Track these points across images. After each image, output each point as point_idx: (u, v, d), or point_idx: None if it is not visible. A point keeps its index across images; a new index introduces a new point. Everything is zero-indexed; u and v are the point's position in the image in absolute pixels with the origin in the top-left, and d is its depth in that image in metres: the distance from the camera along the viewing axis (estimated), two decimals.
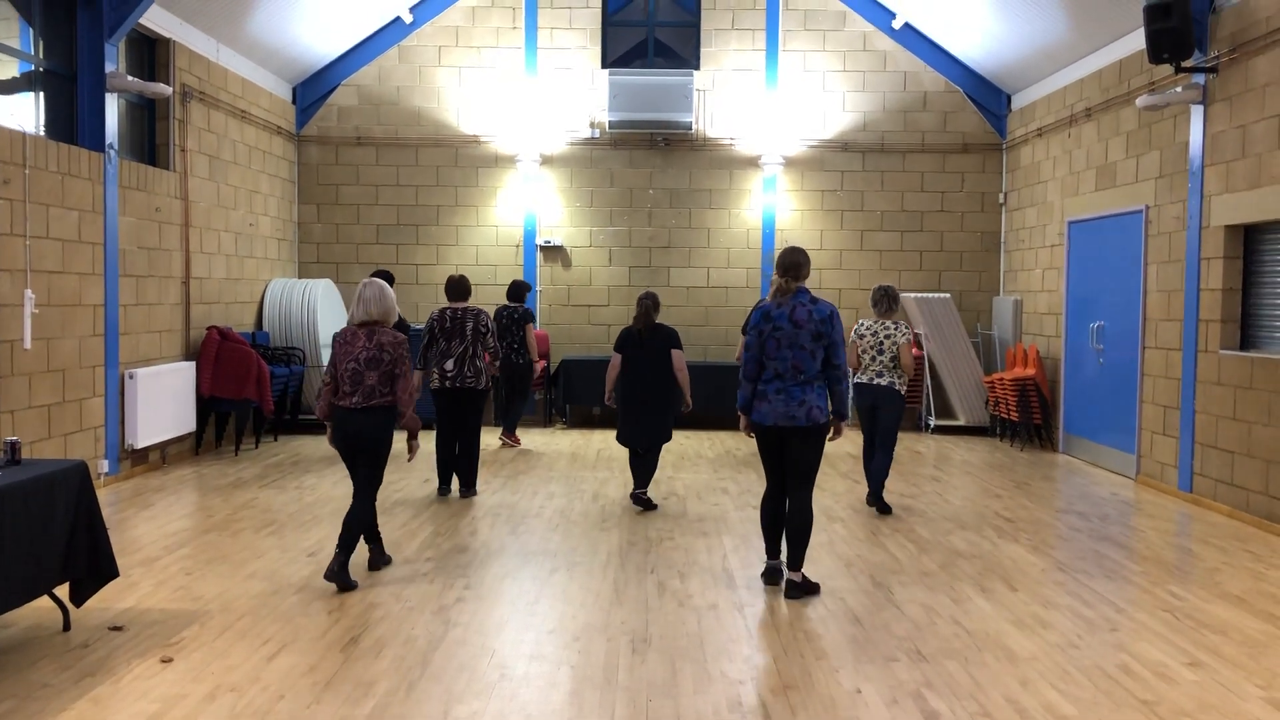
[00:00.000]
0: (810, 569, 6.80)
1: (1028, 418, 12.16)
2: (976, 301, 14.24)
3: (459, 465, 9.09)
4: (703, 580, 6.53)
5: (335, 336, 6.51)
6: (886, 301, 8.70)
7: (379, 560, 6.77)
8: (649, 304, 8.62)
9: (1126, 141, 10.70)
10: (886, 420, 8.56)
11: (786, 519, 6.31)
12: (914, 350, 8.32)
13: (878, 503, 8.63)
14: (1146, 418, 10.15)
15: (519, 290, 11.87)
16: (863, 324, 8.75)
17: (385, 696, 4.60)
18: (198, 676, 4.81)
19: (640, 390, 8.54)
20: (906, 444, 9.68)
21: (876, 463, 8.64)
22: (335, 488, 9.38)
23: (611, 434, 13.10)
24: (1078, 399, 11.70)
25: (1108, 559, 7.18)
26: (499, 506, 8.70)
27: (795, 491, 6.29)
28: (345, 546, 6.27)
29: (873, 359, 8.60)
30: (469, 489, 9.12)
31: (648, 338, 8.58)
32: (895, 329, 8.60)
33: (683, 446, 12.10)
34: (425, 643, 5.31)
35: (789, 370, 6.20)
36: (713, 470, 10.61)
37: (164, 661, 4.99)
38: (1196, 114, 9.28)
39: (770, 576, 6.49)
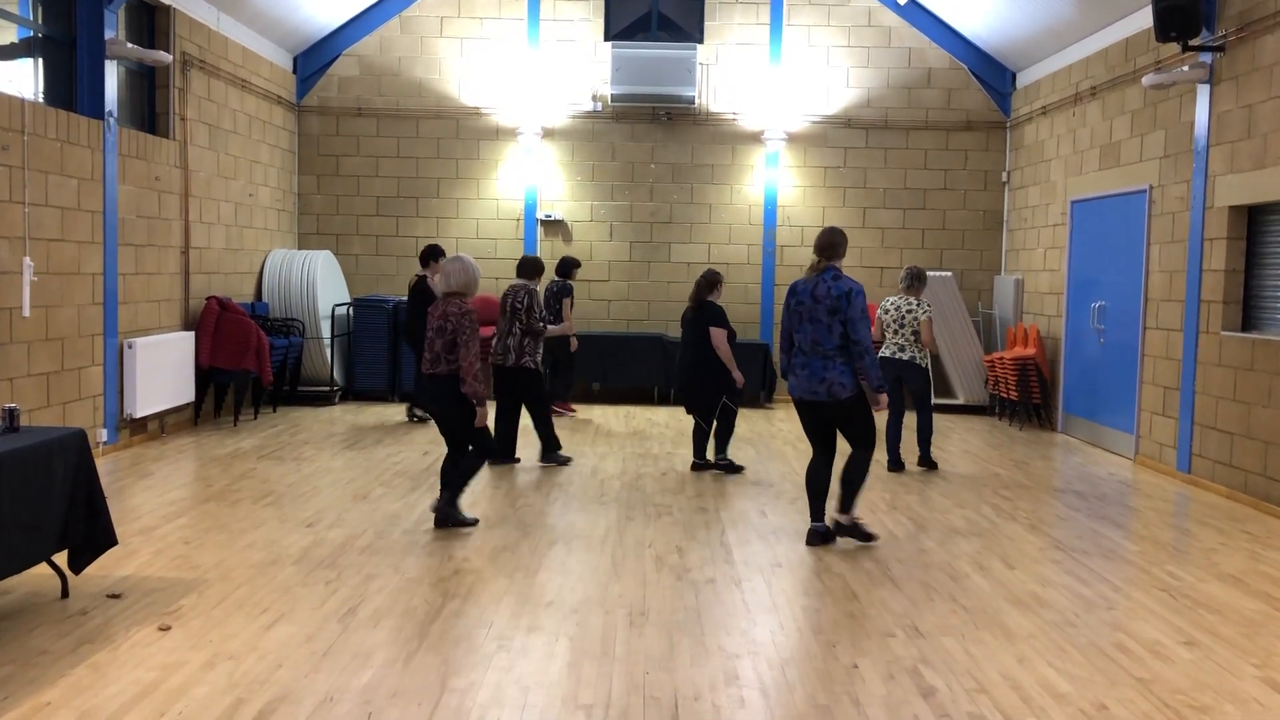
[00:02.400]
0: (807, 545, 6.81)
1: (1027, 397, 12.15)
2: (977, 280, 14.21)
3: (539, 436, 9.31)
4: (701, 555, 6.54)
5: (429, 310, 7.08)
6: (910, 279, 9.40)
7: (439, 509, 7.02)
8: (701, 282, 9.09)
9: (1131, 121, 10.64)
10: (915, 389, 9.30)
11: (844, 469, 6.72)
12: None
13: (925, 458, 9.40)
14: (1146, 398, 10.15)
15: (564, 265, 11.98)
16: (889, 300, 9.43)
17: (383, 667, 4.61)
18: (196, 645, 4.82)
19: (686, 365, 9.02)
20: (904, 422, 9.72)
21: (919, 426, 9.37)
22: (334, 459, 9.39)
23: (609, 409, 13.11)
24: (1078, 379, 11.70)
25: (1105, 538, 7.19)
26: (497, 480, 8.71)
27: (855, 448, 6.74)
28: (447, 486, 6.97)
29: (894, 333, 9.27)
30: (552, 454, 9.35)
31: (694, 315, 8.99)
32: (916, 306, 9.25)
33: (683, 423, 12.10)
34: (423, 614, 5.31)
35: (809, 344, 6.58)
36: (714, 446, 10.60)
37: (162, 629, 5.00)
38: (1202, 93, 9.22)
39: (811, 538, 6.77)
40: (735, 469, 9.18)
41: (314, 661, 4.65)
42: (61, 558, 5.59)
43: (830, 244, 6.66)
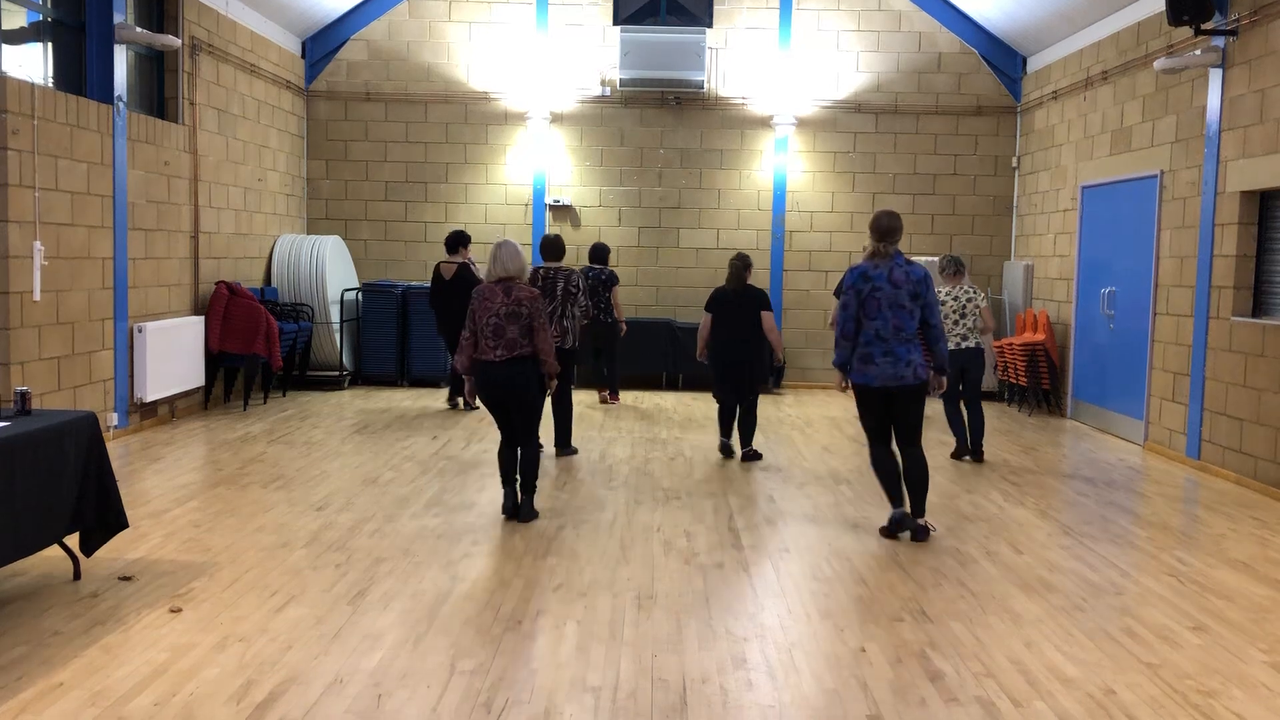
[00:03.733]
0: (816, 530, 6.83)
1: (1036, 383, 12.13)
2: (987, 266, 14.17)
3: (555, 425, 9.14)
4: (709, 539, 6.55)
5: (474, 293, 6.86)
6: (955, 267, 9.34)
7: (529, 512, 6.96)
8: (740, 265, 8.99)
9: (1142, 105, 10.59)
10: (978, 379, 9.23)
11: (907, 472, 6.65)
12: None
13: (976, 454, 9.24)
14: (1156, 384, 10.12)
15: (602, 252, 11.95)
16: (941, 290, 9.24)
17: (392, 649, 4.63)
18: (207, 627, 4.85)
19: (735, 348, 8.92)
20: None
21: (974, 419, 9.22)
22: (343, 444, 9.42)
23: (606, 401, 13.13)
24: (1087, 365, 11.67)
25: (1114, 524, 7.19)
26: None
27: (909, 447, 6.68)
28: (527, 489, 6.96)
29: (955, 323, 9.15)
30: (565, 447, 9.17)
31: (740, 298, 8.91)
32: (975, 293, 9.20)
33: (690, 408, 12.11)
34: (432, 597, 5.34)
35: (890, 330, 6.49)
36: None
37: (173, 611, 5.03)
38: (1215, 77, 9.17)
39: (894, 527, 6.65)
40: (759, 456, 9.20)
41: (324, 643, 4.68)
42: (73, 540, 5.63)
43: (892, 228, 6.55)
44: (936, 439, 9.85)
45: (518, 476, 7.02)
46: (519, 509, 6.94)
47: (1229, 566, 6.23)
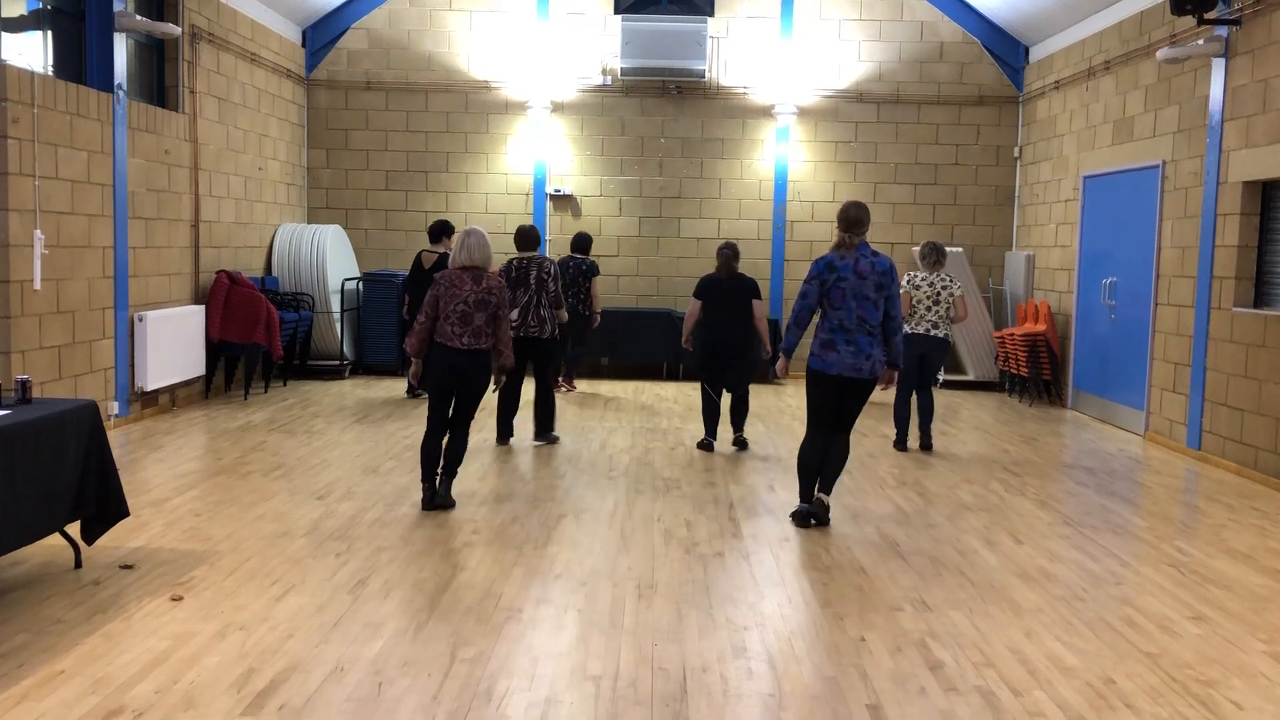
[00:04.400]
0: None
1: (1037, 373, 12.13)
2: (989, 256, 14.15)
3: (536, 412, 9.13)
4: (709, 529, 6.56)
5: (437, 279, 6.83)
6: (936, 255, 9.32)
7: (447, 498, 6.91)
8: (729, 254, 8.95)
9: (1145, 95, 10.56)
10: (937, 366, 9.31)
11: (829, 452, 6.70)
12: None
13: (925, 441, 9.23)
14: (1157, 375, 10.12)
15: (585, 242, 12.04)
16: (917, 275, 9.29)
17: (393, 637, 4.64)
18: (207, 615, 4.85)
19: (726, 336, 8.87)
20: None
21: (924, 405, 9.28)
22: (344, 433, 9.42)
23: (617, 384, 13.12)
24: (1088, 355, 11.66)
25: (1114, 514, 7.19)
26: (507, 454, 8.73)
27: (840, 434, 6.73)
28: (451, 473, 6.90)
29: (928, 309, 9.17)
30: (546, 434, 9.16)
31: (731, 286, 8.86)
32: (951, 282, 9.23)
33: (690, 398, 12.11)
34: (433, 585, 5.34)
35: (854, 321, 6.51)
36: (722, 423, 10.61)
37: (174, 600, 5.04)
38: (1218, 67, 9.14)
39: (802, 519, 6.67)
40: (746, 446, 9.17)
41: (324, 632, 4.68)
42: (74, 529, 5.63)
43: (859, 219, 6.58)
44: (881, 429, 9.85)
45: (438, 470, 6.91)
46: (436, 498, 6.84)
47: (1229, 557, 6.24)
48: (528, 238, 9.20)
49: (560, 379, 12.29)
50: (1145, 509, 7.40)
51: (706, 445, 9.07)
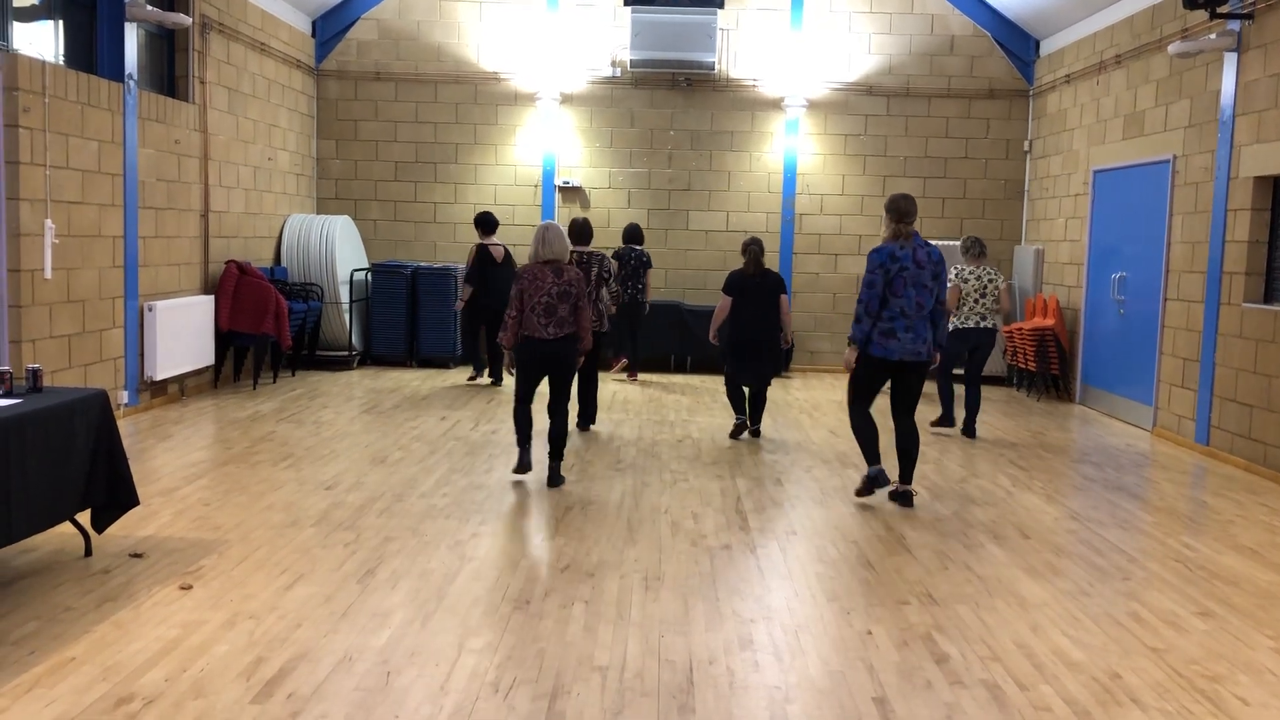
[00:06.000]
0: (823, 512, 6.85)
1: (1045, 368, 12.11)
2: (997, 250, 14.11)
3: (582, 405, 9.41)
4: (716, 521, 6.57)
5: (521, 274, 7.24)
6: (979, 248, 9.72)
7: (557, 477, 7.39)
8: (756, 250, 9.12)
9: (1156, 90, 10.52)
10: (982, 358, 9.66)
11: (902, 440, 7.06)
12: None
13: (970, 431, 9.61)
14: (1165, 370, 10.09)
15: (638, 233, 12.51)
16: (963, 269, 9.60)
17: (401, 627, 4.66)
18: (216, 604, 4.88)
19: (756, 331, 9.07)
20: (923, 391, 9.80)
21: (972, 398, 9.63)
22: (352, 424, 9.44)
23: (622, 377, 13.12)
24: (1096, 350, 11.64)
25: (1121, 509, 7.19)
26: (514, 447, 8.73)
27: (907, 417, 7.11)
28: (558, 455, 7.38)
29: (976, 301, 9.52)
30: (591, 422, 9.48)
31: (760, 282, 9.06)
32: (996, 274, 9.60)
33: (697, 390, 12.12)
34: (441, 576, 5.36)
35: (914, 308, 6.86)
36: (730, 415, 10.62)
37: (183, 588, 5.06)
38: (1230, 61, 9.10)
39: (872, 484, 7.07)
40: (759, 435, 9.47)
41: (333, 621, 4.71)
42: (85, 517, 5.66)
43: (910, 210, 6.93)
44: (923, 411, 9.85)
45: (532, 439, 7.46)
46: (549, 476, 7.35)
47: (1236, 552, 6.23)
48: (584, 232, 9.49)
49: (625, 372, 12.99)
50: (1152, 504, 7.39)
51: (741, 426, 9.33)
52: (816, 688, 4.18)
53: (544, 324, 7.14)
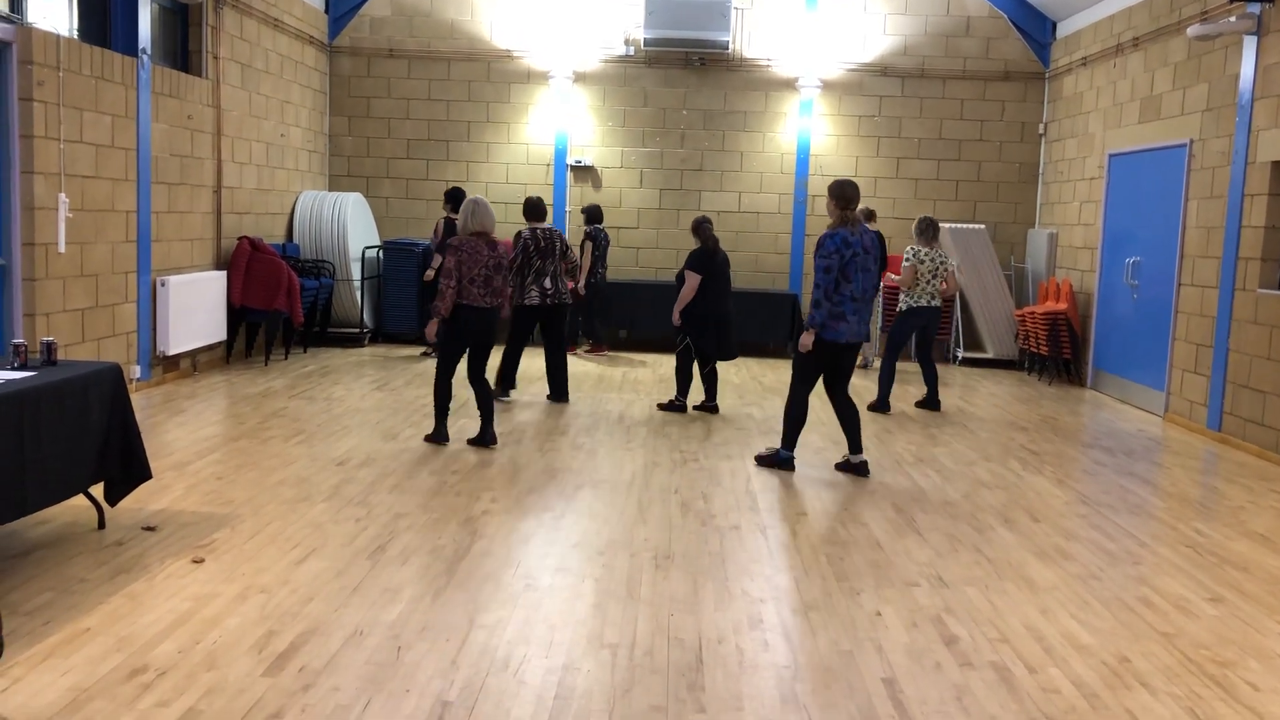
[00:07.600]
0: (832, 494, 6.85)
1: (1057, 352, 12.07)
2: (1011, 233, 14.06)
3: (557, 377, 9.65)
4: (726, 501, 6.58)
5: (457, 245, 7.47)
6: (934, 230, 9.84)
7: (492, 437, 7.78)
8: (710, 226, 9.38)
9: (1174, 73, 10.44)
10: (932, 335, 9.92)
11: (844, 414, 7.32)
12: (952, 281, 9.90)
13: (933, 403, 9.96)
14: (1178, 355, 10.05)
15: (600, 213, 12.84)
16: (919, 250, 9.73)
17: (411, 603, 4.68)
18: (229, 577, 4.91)
19: (724, 306, 9.29)
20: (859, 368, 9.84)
21: (931, 370, 9.96)
22: (363, 400, 9.47)
23: (635, 356, 13.13)
24: (1109, 335, 11.60)
25: (1132, 494, 7.18)
26: (524, 425, 8.76)
27: (844, 394, 7.34)
28: (491, 418, 7.75)
29: (928, 282, 9.70)
30: (563, 397, 9.70)
31: (722, 258, 9.32)
32: (947, 257, 9.83)
33: None
34: (451, 553, 5.39)
35: (861, 292, 7.05)
36: (738, 396, 10.62)
37: (195, 562, 5.09)
38: (1249, 45, 9.02)
39: (787, 464, 7.41)
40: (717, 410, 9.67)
41: (344, 596, 4.73)
42: (98, 490, 5.69)
43: (855, 197, 7.06)
44: (912, 390, 9.83)
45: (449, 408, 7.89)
46: (488, 437, 7.71)
47: (1248, 538, 6.22)
48: (538, 209, 9.74)
49: (589, 349, 13.21)
50: (1164, 489, 7.38)
51: (681, 407, 9.47)
52: (825, 667, 4.19)
53: (483, 294, 7.51)
